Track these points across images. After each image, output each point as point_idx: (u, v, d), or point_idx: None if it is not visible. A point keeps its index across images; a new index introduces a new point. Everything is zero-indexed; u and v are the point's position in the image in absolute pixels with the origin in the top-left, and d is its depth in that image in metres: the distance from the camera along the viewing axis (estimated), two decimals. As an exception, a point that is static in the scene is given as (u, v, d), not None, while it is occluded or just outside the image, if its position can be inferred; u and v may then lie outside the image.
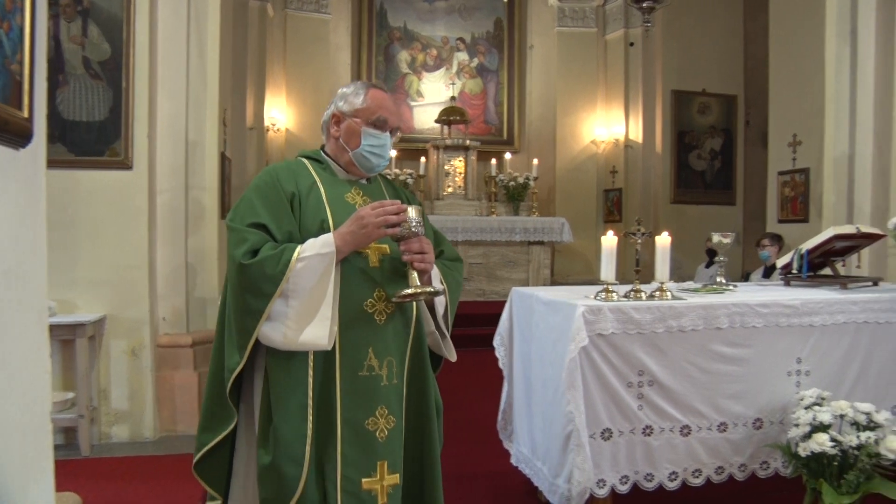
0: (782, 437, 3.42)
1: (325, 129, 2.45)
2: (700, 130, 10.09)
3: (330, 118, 2.42)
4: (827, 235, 4.08)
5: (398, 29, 10.66)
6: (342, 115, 2.39)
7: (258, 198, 2.21)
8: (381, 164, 2.42)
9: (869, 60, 6.40)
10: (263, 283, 2.08)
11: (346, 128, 2.37)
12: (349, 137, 2.37)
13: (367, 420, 2.23)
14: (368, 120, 2.36)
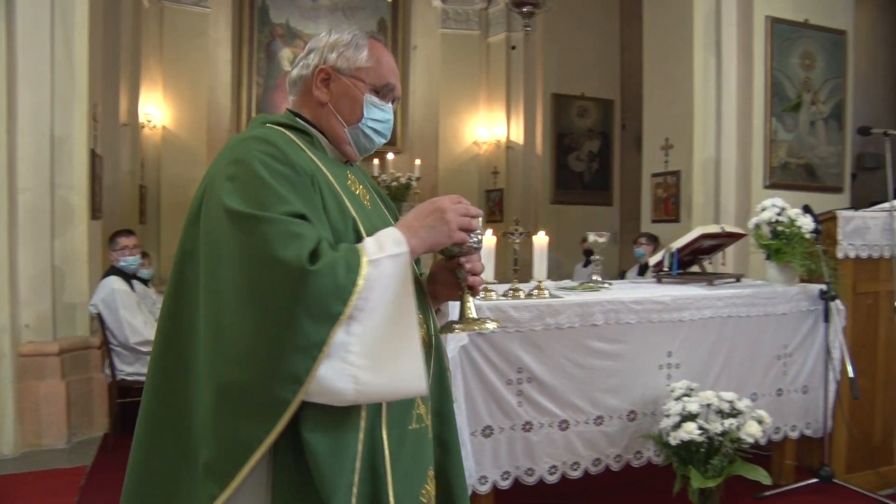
0: (654, 427, 3.58)
1: (301, 88, 1.72)
2: (579, 133, 10.41)
3: (313, 73, 1.69)
4: (695, 235, 4.30)
5: (280, 26, 10.44)
6: (335, 73, 1.68)
7: (276, 178, 1.44)
8: (378, 145, 1.78)
9: (731, 71, 6.80)
10: (332, 300, 1.35)
11: (342, 91, 1.69)
12: (346, 105, 1.69)
13: (421, 491, 1.58)
14: (375, 86, 1.71)
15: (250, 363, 1.34)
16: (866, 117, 11.44)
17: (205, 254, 1.46)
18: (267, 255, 1.35)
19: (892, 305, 4.23)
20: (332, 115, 1.70)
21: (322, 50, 1.70)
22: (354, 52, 1.69)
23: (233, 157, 1.49)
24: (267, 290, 1.35)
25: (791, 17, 6.79)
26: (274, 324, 1.33)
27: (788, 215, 4.04)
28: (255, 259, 1.36)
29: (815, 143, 6.92)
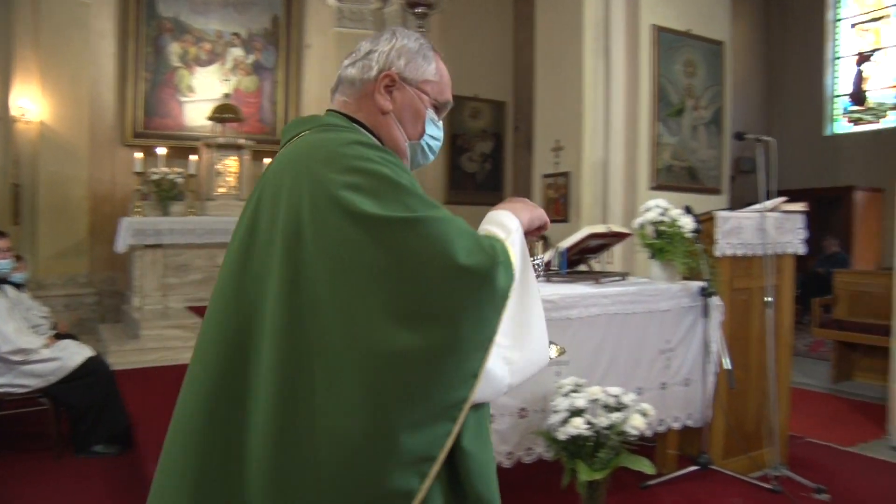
0: (544, 423, 3.65)
1: (360, 90, 1.55)
2: (472, 134, 10.55)
3: (376, 77, 1.54)
4: (583, 234, 4.42)
5: (169, 20, 10.07)
6: (402, 80, 1.55)
7: (409, 182, 1.34)
8: (428, 162, 1.67)
9: (619, 76, 7.03)
10: (507, 291, 1.31)
11: (407, 102, 1.55)
12: (409, 118, 1.56)
13: None
14: (437, 101, 1.61)
15: (422, 373, 1.21)
16: (742, 123, 12.09)
17: (331, 274, 1.24)
18: (448, 256, 1.23)
19: (763, 300, 4.47)
20: (394, 126, 1.55)
21: (388, 53, 1.55)
22: (423, 62, 1.58)
23: (345, 167, 1.31)
24: (447, 293, 1.23)
25: (675, 27, 7.10)
26: (469, 325, 1.24)
27: (671, 215, 4.20)
28: (433, 263, 1.23)
29: (697, 147, 7.26)
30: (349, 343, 1.21)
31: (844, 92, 13.64)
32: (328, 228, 1.26)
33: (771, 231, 4.48)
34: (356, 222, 1.24)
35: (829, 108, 13.77)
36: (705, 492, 4.09)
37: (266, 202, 1.39)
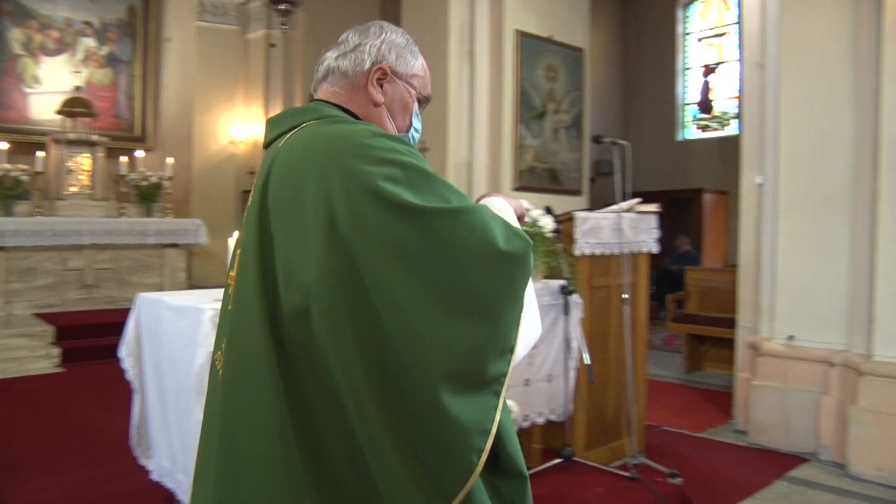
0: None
1: (351, 82, 1.56)
2: (342, 134, 10.45)
3: (370, 70, 1.56)
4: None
5: (9, 2, 9.35)
6: (393, 74, 1.58)
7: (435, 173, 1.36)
8: None
9: (484, 79, 7.14)
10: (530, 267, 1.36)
11: (397, 95, 1.59)
12: (398, 110, 1.59)
13: None
14: (421, 95, 1.65)
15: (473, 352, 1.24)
16: (601, 127, 12.60)
17: (395, 269, 1.24)
18: (493, 242, 1.28)
19: (620, 297, 4.66)
20: (385, 118, 1.57)
21: (378, 47, 1.57)
22: (411, 57, 1.62)
23: (378, 159, 1.30)
24: (493, 276, 1.27)
25: (537, 33, 7.29)
26: (511, 308, 1.28)
27: (532, 216, 4.29)
28: (479, 250, 1.26)
29: (558, 150, 7.48)
30: (411, 330, 1.23)
31: (693, 100, 14.48)
32: (369, 221, 1.25)
33: (627, 231, 4.66)
34: (400, 214, 1.25)
35: (680, 115, 14.59)
36: (569, 483, 4.20)
37: (282, 198, 1.36)
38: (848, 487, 4.46)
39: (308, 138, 1.40)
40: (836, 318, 5.04)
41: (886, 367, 4.57)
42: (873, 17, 4.74)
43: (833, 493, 4.37)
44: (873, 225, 4.72)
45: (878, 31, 4.67)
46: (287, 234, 1.33)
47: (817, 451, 4.99)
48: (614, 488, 4.15)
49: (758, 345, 5.45)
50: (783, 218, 5.30)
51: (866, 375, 4.65)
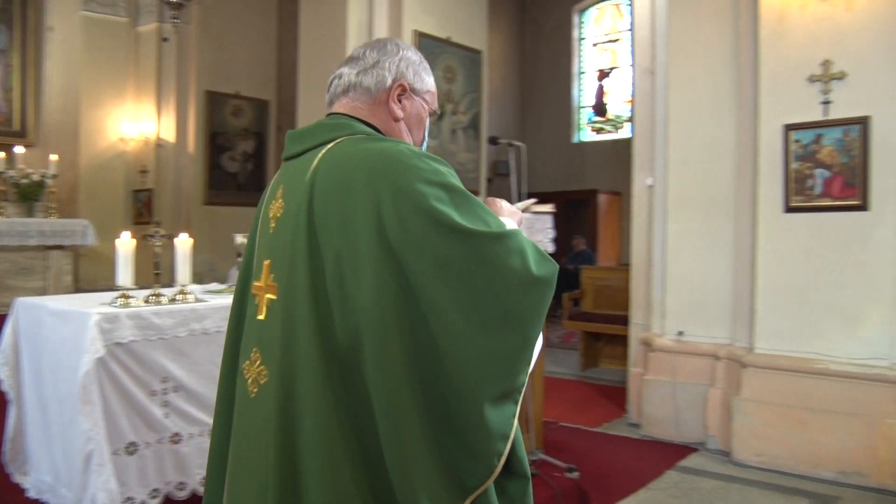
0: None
1: (374, 98, 1.63)
2: (233, 133, 10.19)
3: (391, 86, 1.64)
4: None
5: None
6: (411, 91, 1.67)
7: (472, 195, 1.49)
8: None
9: (382, 78, 7.09)
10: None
11: (415, 111, 1.69)
12: (415, 125, 1.69)
13: None
14: (432, 110, 1.75)
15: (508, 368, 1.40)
16: (499, 129, 12.78)
17: (440, 283, 1.36)
18: (528, 269, 1.42)
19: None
20: (405, 132, 1.67)
21: (397, 64, 1.66)
22: (425, 74, 1.71)
23: (426, 180, 1.41)
24: (527, 298, 1.42)
25: (436, 34, 7.32)
26: (534, 326, 1.43)
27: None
28: (517, 275, 1.40)
29: (456, 150, 7.54)
30: (455, 347, 1.36)
31: (588, 104, 14.89)
32: (419, 237, 1.36)
33: (523, 231, 4.71)
34: (450, 233, 1.37)
35: (576, 117, 14.98)
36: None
37: (330, 214, 1.44)
38: (732, 473, 4.68)
39: (352, 156, 1.48)
40: (721, 313, 5.28)
41: (766, 358, 4.81)
42: (751, 30, 4.99)
43: (718, 480, 4.57)
44: (754, 224, 4.97)
45: (756, 43, 4.91)
46: (338, 250, 1.41)
47: (705, 441, 5.21)
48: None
49: (650, 341, 5.65)
50: (672, 218, 5.52)
51: (748, 367, 4.89)
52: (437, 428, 1.36)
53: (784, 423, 4.69)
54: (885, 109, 4.42)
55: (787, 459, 4.66)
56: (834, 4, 4.56)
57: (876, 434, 4.37)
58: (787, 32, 4.73)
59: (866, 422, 4.40)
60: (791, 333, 4.73)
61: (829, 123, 4.56)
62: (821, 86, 4.59)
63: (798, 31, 4.69)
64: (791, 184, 4.71)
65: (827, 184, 4.59)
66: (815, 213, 4.65)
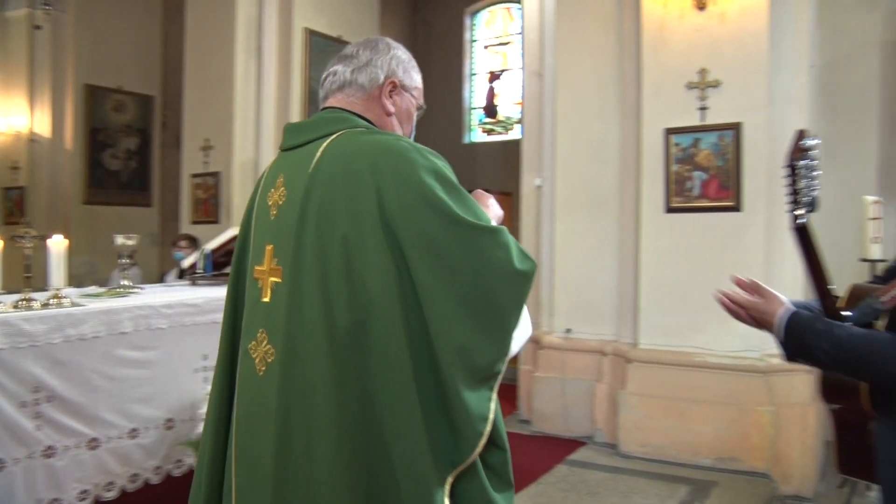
0: (194, 433, 3.48)
1: (368, 93, 1.76)
2: (115, 129, 9.71)
3: (384, 82, 1.77)
4: (228, 236, 4.30)
5: None
6: (402, 87, 1.80)
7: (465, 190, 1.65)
8: None
9: (271, 77, 6.98)
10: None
11: (405, 105, 1.82)
12: (405, 118, 1.83)
13: None
14: (420, 105, 1.89)
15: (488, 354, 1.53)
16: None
17: (428, 265, 1.50)
18: (512, 263, 1.55)
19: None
20: (396, 126, 1.80)
21: (389, 62, 1.78)
22: (414, 72, 1.85)
23: (425, 167, 1.55)
24: (508, 291, 1.55)
25: (326, 32, 7.23)
26: (508, 311, 1.56)
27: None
28: (501, 267, 1.54)
29: (348, 150, 7.46)
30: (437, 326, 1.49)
31: (480, 105, 15.08)
32: (418, 221, 1.50)
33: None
34: (446, 222, 1.51)
35: (467, 118, 15.12)
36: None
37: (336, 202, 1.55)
38: (618, 465, 4.84)
39: (355, 147, 1.60)
40: (607, 311, 5.44)
41: (649, 353, 5.00)
42: (634, 37, 5.17)
43: (606, 472, 4.72)
44: (637, 224, 5.15)
45: (639, 50, 5.10)
46: (345, 235, 1.52)
47: (593, 434, 5.36)
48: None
49: (539, 339, 5.76)
50: (559, 218, 5.65)
51: (633, 362, 5.06)
52: (426, 406, 1.50)
53: (666, 415, 4.88)
54: (754, 116, 4.67)
55: (669, 449, 4.85)
56: (709, 17, 4.78)
57: (749, 421, 4.61)
58: (668, 41, 4.93)
59: (740, 410, 4.64)
60: (672, 329, 4.93)
61: (706, 128, 4.79)
62: (698, 92, 4.81)
63: (677, 40, 4.89)
64: (672, 185, 4.90)
65: (704, 185, 4.81)
66: (694, 214, 4.86)
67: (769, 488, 4.41)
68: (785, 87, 4.73)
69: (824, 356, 1.77)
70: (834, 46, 5.34)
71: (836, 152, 5.08)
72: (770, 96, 4.66)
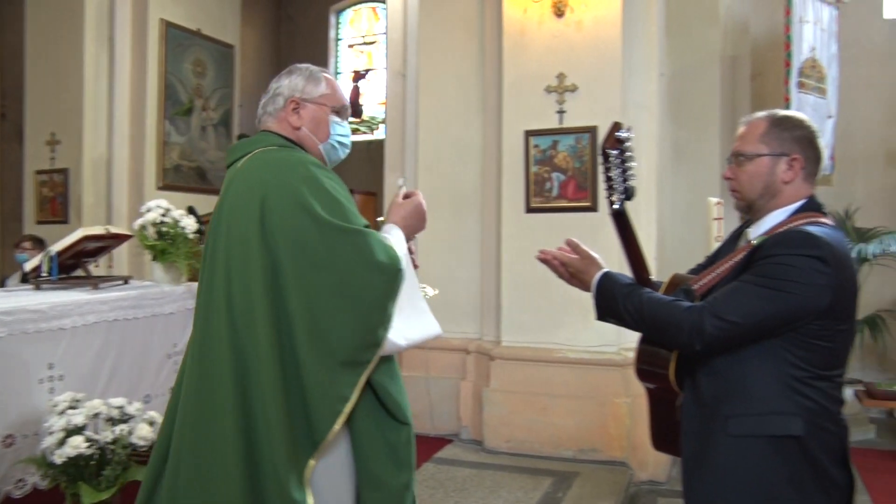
0: (37, 448, 3.24)
1: (274, 117, 2.13)
2: (-54, 122, 8.97)
3: (284, 106, 2.12)
4: (76, 237, 4.05)
5: None
6: (301, 102, 2.12)
7: (342, 196, 1.95)
8: (343, 157, 2.28)
9: (125, 69, 6.64)
10: (398, 288, 1.93)
11: (311, 115, 2.13)
12: (316, 127, 2.14)
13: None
14: (335, 107, 2.18)
15: (347, 338, 1.83)
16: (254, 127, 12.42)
17: (293, 264, 1.83)
18: (370, 261, 1.84)
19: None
20: (306, 136, 2.12)
21: (288, 86, 2.13)
22: (313, 85, 2.14)
23: (302, 177, 1.90)
24: (366, 286, 1.84)
25: (185, 24, 6.96)
26: (371, 313, 1.85)
27: (173, 216, 4.08)
28: (358, 264, 1.83)
29: (207, 148, 7.22)
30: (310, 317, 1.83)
31: (345, 104, 14.96)
32: (287, 222, 1.84)
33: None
34: (311, 221, 1.83)
35: (333, 118, 14.97)
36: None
37: (237, 208, 1.93)
38: (484, 461, 4.92)
39: (257, 163, 1.99)
40: (471, 309, 5.53)
41: (511, 350, 5.11)
42: (496, 40, 5.28)
43: (472, 468, 4.78)
44: (498, 224, 5.26)
45: (500, 54, 5.21)
46: (242, 235, 1.88)
47: (459, 432, 5.43)
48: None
49: (404, 338, 5.76)
50: (424, 218, 5.67)
51: (496, 359, 5.16)
52: (290, 386, 1.84)
53: (529, 410, 5.01)
54: (608, 120, 4.79)
55: (532, 443, 4.98)
56: (567, 24, 4.94)
57: (607, 413, 4.81)
58: (528, 46, 5.06)
59: (599, 402, 4.83)
60: (533, 326, 5.06)
61: (564, 131, 4.95)
62: (556, 96, 4.97)
63: (537, 44, 5.03)
64: (531, 186, 5.04)
65: (563, 186, 4.97)
66: (553, 214, 5.01)
67: (627, 476, 4.61)
68: (637, 94, 4.97)
69: (628, 316, 1.95)
70: (681, 58, 5.67)
71: (683, 157, 5.40)
72: (623, 102, 4.87)
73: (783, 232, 1.90)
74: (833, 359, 1.90)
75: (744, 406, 1.89)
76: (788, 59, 5.40)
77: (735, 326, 1.81)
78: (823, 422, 1.88)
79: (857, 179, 6.89)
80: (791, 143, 1.98)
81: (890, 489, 4.69)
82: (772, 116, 2.04)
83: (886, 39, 6.93)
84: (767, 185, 1.99)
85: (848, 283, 1.89)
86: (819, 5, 5.70)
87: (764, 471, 1.87)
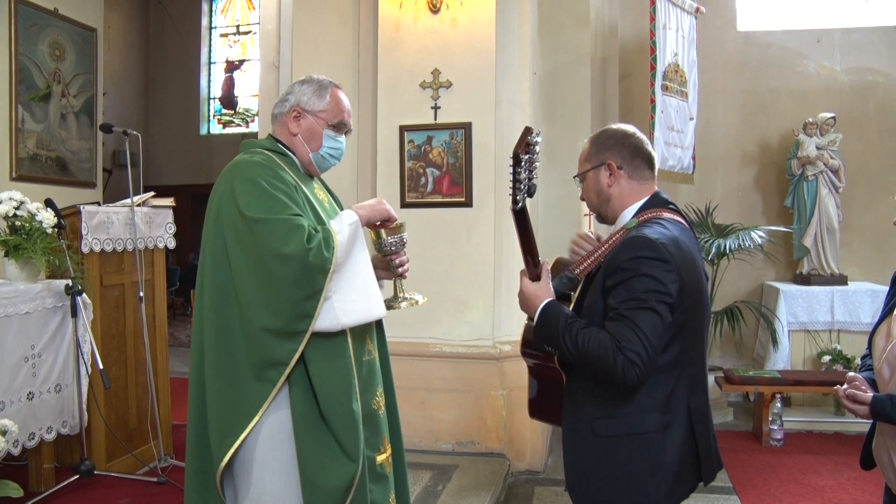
0: None
1: (279, 120, 2.42)
2: None
3: (288, 111, 2.39)
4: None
5: None
6: (303, 113, 2.38)
7: (277, 191, 2.17)
8: (333, 166, 2.49)
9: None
10: (324, 263, 2.10)
11: (308, 127, 2.38)
12: (310, 137, 2.39)
13: (372, 400, 2.44)
14: (330, 122, 2.39)
15: (278, 312, 2.11)
16: (119, 115, 11.88)
17: (231, 246, 2.17)
18: (277, 245, 2.08)
19: (136, 295, 4.44)
20: (300, 143, 2.39)
21: (296, 94, 2.39)
22: (317, 98, 2.38)
23: (243, 177, 2.21)
24: (283, 264, 2.07)
25: (40, 3, 6.53)
26: (289, 284, 2.08)
27: (28, 209, 3.85)
28: (270, 248, 2.08)
29: (67, 137, 6.83)
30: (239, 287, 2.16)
31: (217, 95, 14.50)
32: (230, 215, 2.16)
33: (141, 226, 4.48)
34: (239, 215, 2.13)
35: (204, 109, 14.49)
36: (92, 500, 3.94)
37: (211, 201, 2.26)
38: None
39: (232, 163, 2.30)
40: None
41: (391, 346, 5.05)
42: (371, 34, 5.25)
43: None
44: (375, 219, 5.23)
45: (375, 48, 5.18)
46: (214, 228, 2.21)
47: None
48: (141, 496, 4.01)
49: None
50: (300, 213, 5.57)
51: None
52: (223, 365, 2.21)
53: (408, 405, 5.00)
54: (482, 117, 4.95)
55: (412, 437, 4.97)
56: (442, 21, 4.98)
57: (484, 406, 4.89)
58: (403, 41, 5.06)
59: (476, 396, 4.91)
60: (411, 321, 5.05)
61: (438, 127, 4.98)
62: (431, 92, 4.99)
63: (412, 40, 5.04)
64: (406, 181, 5.05)
65: (437, 182, 5.01)
66: (429, 209, 5.04)
67: (505, 466, 4.70)
68: (510, 92, 5.07)
69: (566, 349, 2.02)
70: (554, 58, 5.82)
71: (556, 154, 5.54)
72: (497, 99, 4.96)
73: (628, 238, 2.05)
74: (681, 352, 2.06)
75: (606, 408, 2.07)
76: (654, 63, 5.67)
77: (651, 349, 1.91)
78: (676, 413, 2.05)
79: (716, 178, 7.34)
80: (604, 152, 2.21)
81: (744, 465, 5.02)
82: (592, 136, 2.31)
83: (739, 49, 7.43)
84: (598, 194, 2.25)
85: (690, 277, 2.04)
86: (680, 13, 6.01)
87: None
